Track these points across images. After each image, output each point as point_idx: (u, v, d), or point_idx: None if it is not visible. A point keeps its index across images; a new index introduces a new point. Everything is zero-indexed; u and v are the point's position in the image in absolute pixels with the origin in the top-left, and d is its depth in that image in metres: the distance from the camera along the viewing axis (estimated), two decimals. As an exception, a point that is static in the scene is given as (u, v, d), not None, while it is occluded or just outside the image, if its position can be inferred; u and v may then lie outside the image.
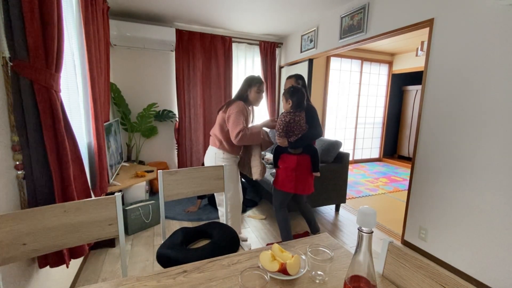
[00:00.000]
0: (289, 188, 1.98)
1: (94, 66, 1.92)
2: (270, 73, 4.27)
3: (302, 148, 1.95)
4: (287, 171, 1.98)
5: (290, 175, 1.96)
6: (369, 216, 0.57)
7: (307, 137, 1.89)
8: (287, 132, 1.90)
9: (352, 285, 0.61)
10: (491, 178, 1.68)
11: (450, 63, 1.88)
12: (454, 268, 1.91)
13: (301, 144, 1.92)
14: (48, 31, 1.11)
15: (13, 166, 1.11)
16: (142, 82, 3.68)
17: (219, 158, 2.00)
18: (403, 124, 5.70)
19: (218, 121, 2.00)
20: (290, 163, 1.96)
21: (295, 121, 1.86)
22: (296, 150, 1.95)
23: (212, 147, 2.04)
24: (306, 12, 3.16)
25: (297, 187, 1.97)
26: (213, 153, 2.02)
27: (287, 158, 1.98)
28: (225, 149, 1.98)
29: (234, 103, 1.93)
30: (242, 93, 2.01)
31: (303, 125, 1.88)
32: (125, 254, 1.13)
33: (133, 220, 2.39)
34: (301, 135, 1.88)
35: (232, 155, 2.04)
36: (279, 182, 2.02)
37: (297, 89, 1.90)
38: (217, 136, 2.00)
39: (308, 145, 1.95)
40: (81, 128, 1.91)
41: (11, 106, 1.08)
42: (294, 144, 1.90)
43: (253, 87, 1.98)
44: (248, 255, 0.91)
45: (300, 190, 1.99)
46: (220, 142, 1.98)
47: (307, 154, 1.96)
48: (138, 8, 3.08)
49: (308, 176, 1.99)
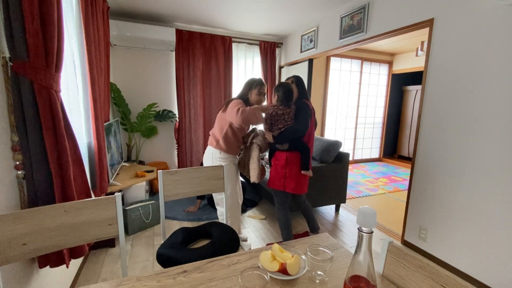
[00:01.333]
0: (279, 185, 1.97)
1: (94, 66, 1.92)
2: (270, 73, 4.27)
3: (289, 145, 1.94)
4: (277, 168, 1.98)
5: (280, 172, 1.96)
6: (369, 216, 0.57)
7: (288, 132, 1.88)
8: (271, 125, 1.92)
9: (352, 285, 0.61)
10: (491, 178, 1.68)
11: (450, 63, 1.88)
12: (454, 268, 1.91)
13: (284, 139, 1.91)
14: (48, 31, 1.11)
15: (13, 166, 1.11)
16: (142, 82, 3.68)
17: (216, 157, 2.00)
18: (403, 124, 5.70)
19: (218, 121, 2.01)
20: (280, 160, 1.97)
21: (278, 114, 1.88)
22: (283, 146, 1.95)
23: (210, 146, 2.05)
24: (306, 12, 3.16)
25: (287, 185, 1.95)
26: (210, 152, 2.03)
27: (278, 154, 1.99)
28: (222, 148, 1.98)
29: (234, 100, 1.94)
30: (243, 95, 2.01)
31: (287, 119, 1.88)
32: (125, 254, 1.13)
33: (133, 220, 2.39)
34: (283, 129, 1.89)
35: (229, 155, 2.03)
36: (270, 179, 2.02)
37: (283, 84, 1.92)
38: (214, 136, 2.00)
39: (297, 141, 1.93)
40: (81, 128, 1.91)
41: (11, 106, 1.08)
42: (277, 138, 1.91)
43: (253, 89, 1.98)
44: (248, 255, 0.91)
45: (291, 189, 1.96)
46: (216, 141, 1.98)
47: (296, 151, 1.94)
48: (138, 8, 3.08)
49: (299, 174, 1.96)
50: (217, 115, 2.03)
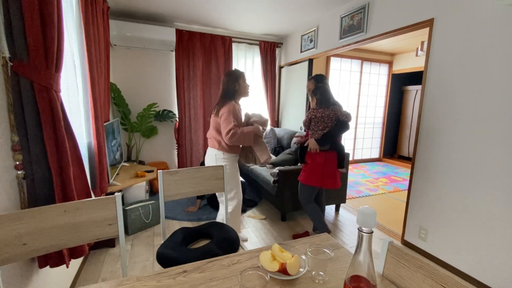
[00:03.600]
0: (315, 182, 2.06)
1: (94, 66, 1.92)
2: (270, 73, 4.27)
3: (330, 145, 2.01)
4: (314, 166, 2.05)
5: (318, 170, 2.04)
6: (369, 216, 0.57)
7: (332, 134, 1.96)
8: (311, 128, 1.99)
9: (352, 285, 0.61)
10: (491, 178, 1.68)
11: (450, 63, 1.88)
12: (454, 268, 1.91)
13: (327, 141, 1.98)
14: (48, 31, 1.11)
15: (13, 166, 1.11)
16: (142, 82, 3.68)
17: (220, 158, 2.00)
18: (403, 124, 5.70)
19: (213, 124, 2.01)
20: (318, 159, 2.03)
21: (317, 117, 1.95)
22: (325, 146, 2.00)
23: (212, 148, 2.04)
24: (306, 12, 3.16)
25: (323, 181, 2.06)
26: (213, 154, 2.02)
27: (315, 154, 2.04)
28: (225, 149, 1.98)
29: (225, 105, 1.92)
30: (230, 89, 1.98)
31: (327, 121, 1.93)
32: (125, 254, 1.13)
33: (133, 220, 2.39)
34: (326, 131, 1.94)
35: (233, 155, 2.04)
36: (306, 176, 2.09)
37: (319, 87, 2.02)
38: (215, 138, 2.00)
39: (335, 142, 2.01)
40: (81, 128, 1.91)
41: (11, 106, 1.08)
42: (320, 141, 1.97)
43: (240, 79, 2.00)
44: (248, 255, 0.91)
45: (327, 185, 2.08)
46: (219, 143, 1.98)
47: (334, 150, 2.03)
48: (138, 8, 3.08)
49: (335, 171, 2.08)
50: (211, 119, 2.04)
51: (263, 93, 4.32)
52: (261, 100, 4.39)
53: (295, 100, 4.05)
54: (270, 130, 3.94)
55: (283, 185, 2.57)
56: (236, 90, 1.98)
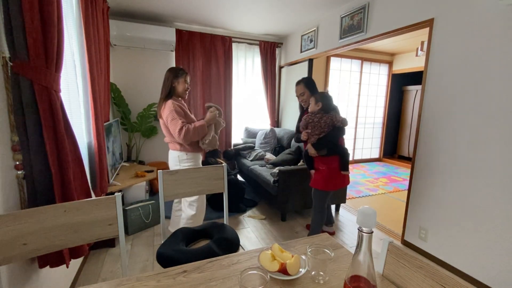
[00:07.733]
0: (333, 186, 2.05)
1: (94, 66, 1.92)
2: (270, 73, 4.27)
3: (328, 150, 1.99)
4: (331, 172, 2.03)
5: (327, 174, 2.03)
6: (369, 216, 0.57)
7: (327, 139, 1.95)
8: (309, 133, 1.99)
9: (352, 285, 0.61)
10: (491, 178, 1.68)
11: (450, 63, 1.88)
12: (454, 268, 1.91)
13: (322, 145, 1.96)
14: (48, 31, 1.11)
15: (13, 166, 1.11)
16: (142, 82, 3.68)
17: (183, 159, 1.98)
18: (403, 124, 5.70)
19: (164, 129, 1.97)
20: (333, 163, 2.02)
21: (314, 121, 1.95)
22: (321, 152, 1.98)
23: (173, 151, 2.00)
24: (306, 12, 3.16)
25: (336, 184, 2.06)
26: (176, 156, 1.99)
27: (328, 159, 2.02)
28: (187, 149, 1.96)
29: (164, 106, 1.88)
30: (168, 86, 1.91)
31: (324, 126, 1.93)
32: (125, 254, 1.13)
33: (133, 220, 2.39)
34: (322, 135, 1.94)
35: (196, 153, 2.02)
36: (323, 182, 2.04)
37: (325, 95, 2.01)
38: (174, 140, 1.96)
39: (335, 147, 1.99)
40: (81, 128, 1.91)
41: (11, 106, 1.08)
42: (316, 145, 1.96)
43: (180, 78, 1.92)
44: (248, 255, 0.91)
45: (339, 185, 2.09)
46: (180, 144, 1.95)
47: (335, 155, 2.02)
48: (138, 8, 3.08)
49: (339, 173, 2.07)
50: (160, 123, 1.97)
51: (263, 93, 4.32)
52: (261, 100, 4.39)
53: (295, 100, 4.03)
54: (270, 130, 3.94)
55: (283, 185, 2.57)
56: (175, 87, 1.92)
